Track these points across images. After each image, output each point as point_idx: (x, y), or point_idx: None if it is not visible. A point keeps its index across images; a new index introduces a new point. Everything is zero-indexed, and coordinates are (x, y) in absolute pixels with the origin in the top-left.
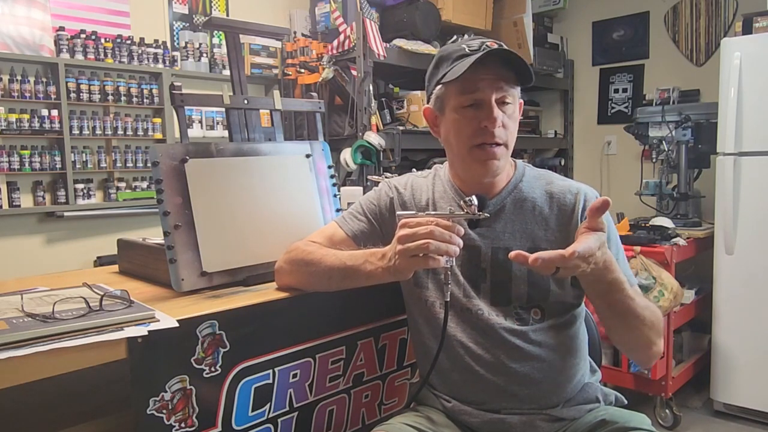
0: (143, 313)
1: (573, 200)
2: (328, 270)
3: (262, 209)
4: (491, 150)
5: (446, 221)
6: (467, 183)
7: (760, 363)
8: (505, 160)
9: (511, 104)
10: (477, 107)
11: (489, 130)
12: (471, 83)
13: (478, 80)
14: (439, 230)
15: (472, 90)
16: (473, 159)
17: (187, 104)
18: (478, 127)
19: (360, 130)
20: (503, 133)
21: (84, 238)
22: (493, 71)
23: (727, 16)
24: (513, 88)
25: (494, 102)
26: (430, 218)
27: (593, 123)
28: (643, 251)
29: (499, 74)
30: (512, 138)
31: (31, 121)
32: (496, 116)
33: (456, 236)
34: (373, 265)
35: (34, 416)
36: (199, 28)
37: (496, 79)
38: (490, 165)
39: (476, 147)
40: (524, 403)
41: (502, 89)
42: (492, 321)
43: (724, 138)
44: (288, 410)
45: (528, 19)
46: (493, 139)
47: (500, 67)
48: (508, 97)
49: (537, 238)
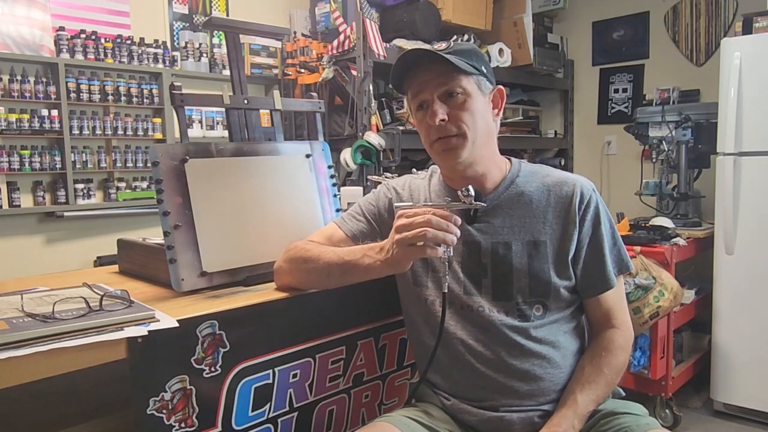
0: (143, 313)
1: (570, 191)
2: (326, 266)
3: (262, 209)
4: (446, 141)
5: (443, 210)
6: (452, 179)
7: (760, 363)
8: (471, 150)
9: (461, 95)
10: (426, 107)
11: (433, 126)
12: (416, 87)
13: (420, 83)
14: (436, 219)
15: (417, 93)
16: (436, 154)
17: (187, 104)
18: (428, 125)
19: (360, 130)
20: (456, 126)
21: (84, 238)
22: (431, 70)
23: (727, 16)
24: (455, 80)
25: (436, 98)
26: (427, 208)
27: (593, 123)
28: (643, 251)
29: (437, 71)
30: (473, 127)
31: (31, 121)
32: (436, 110)
33: (453, 225)
34: (371, 259)
35: (34, 416)
36: (199, 28)
37: (435, 76)
38: (450, 156)
39: (435, 142)
40: (524, 400)
41: (443, 84)
42: (493, 317)
43: (724, 138)
44: (288, 410)
45: (528, 19)
46: (444, 133)
47: (437, 64)
48: (456, 89)
49: (536, 231)
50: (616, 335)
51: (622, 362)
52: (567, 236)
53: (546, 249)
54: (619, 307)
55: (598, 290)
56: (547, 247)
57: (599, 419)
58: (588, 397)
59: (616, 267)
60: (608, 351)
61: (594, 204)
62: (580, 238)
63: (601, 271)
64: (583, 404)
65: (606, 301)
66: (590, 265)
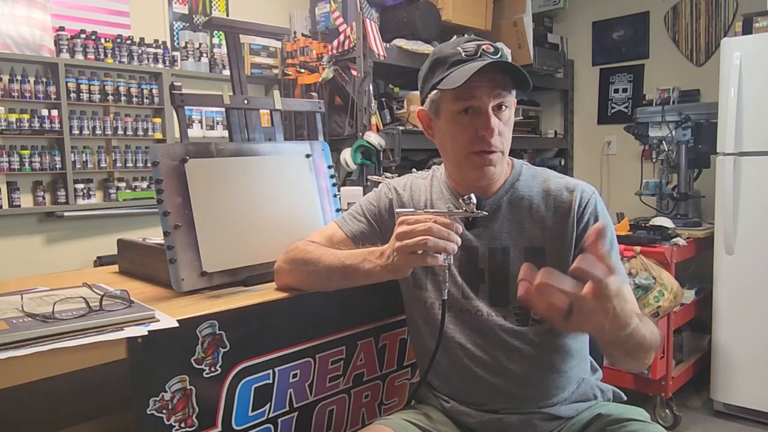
0: (143, 313)
1: (570, 198)
2: (326, 269)
3: (262, 209)
4: (488, 157)
5: (445, 218)
6: (462, 186)
7: (760, 363)
8: (500, 166)
9: (508, 109)
10: (473, 114)
11: (486, 139)
12: (467, 90)
13: (474, 87)
14: (437, 227)
15: (468, 97)
16: (469, 165)
17: (187, 104)
18: (475, 134)
19: (360, 130)
20: (499, 141)
21: (84, 238)
22: (489, 78)
23: (727, 16)
24: (510, 94)
25: (491, 109)
26: (428, 215)
27: (593, 123)
28: (643, 251)
29: (495, 81)
30: (508, 143)
31: (31, 121)
32: (493, 126)
33: (454, 234)
34: (371, 264)
35: (34, 416)
36: (199, 28)
37: (494, 86)
38: (486, 171)
39: (473, 154)
40: (523, 403)
41: (499, 95)
42: (491, 322)
43: (724, 138)
44: (288, 410)
45: (528, 19)
46: (490, 147)
47: (497, 73)
48: (505, 103)
49: (534, 237)
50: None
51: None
52: (566, 243)
53: (544, 255)
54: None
55: None
56: (545, 253)
57: (605, 426)
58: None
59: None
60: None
61: (593, 210)
62: (578, 245)
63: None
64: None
65: None
66: None
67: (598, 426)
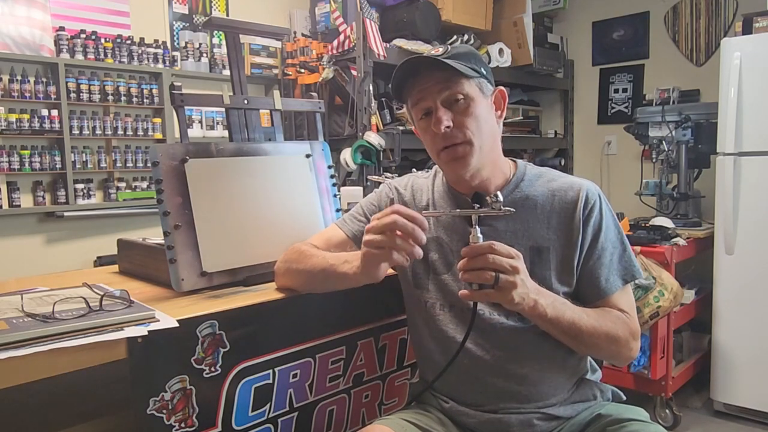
0: (143, 313)
1: (575, 197)
2: (311, 270)
3: (262, 209)
4: (453, 150)
5: (409, 210)
6: (457, 183)
7: (760, 363)
8: (479, 156)
9: (464, 99)
10: (430, 115)
11: (438, 134)
12: (417, 94)
13: (421, 90)
14: (402, 220)
15: (418, 100)
16: (443, 162)
17: (187, 104)
18: (434, 133)
19: (360, 130)
20: (462, 132)
21: (84, 238)
22: (431, 77)
23: (727, 16)
24: (458, 84)
25: (440, 104)
26: (401, 208)
27: (593, 123)
28: (643, 251)
29: (435, 78)
30: (479, 133)
31: (31, 121)
32: (440, 118)
33: (419, 229)
34: (348, 266)
35: (34, 416)
36: (199, 28)
37: (435, 83)
38: (458, 164)
39: (441, 151)
40: (523, 403)
41: (446, 89)
42: (494, 321)
43: (724, 138)
44: (288, 410)
45: (528, 19)
46: (451, 141)
47: (435, 70)
48: (459, 94)
49: (539, 236)
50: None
51: (625, 327)
52: (571, 243)
53: (549, 255)
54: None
55: (594, 297)
56: (550, 253)
57: (605, 426)
58: (570, 308)
59: (619, 275)
60: (615, 320)
61: (598, 210)
62: (583, 245)
63: (597, 279)
64: (560, 301)
65: (611, 306)
66: (588, 272)
67: (597, 426)
